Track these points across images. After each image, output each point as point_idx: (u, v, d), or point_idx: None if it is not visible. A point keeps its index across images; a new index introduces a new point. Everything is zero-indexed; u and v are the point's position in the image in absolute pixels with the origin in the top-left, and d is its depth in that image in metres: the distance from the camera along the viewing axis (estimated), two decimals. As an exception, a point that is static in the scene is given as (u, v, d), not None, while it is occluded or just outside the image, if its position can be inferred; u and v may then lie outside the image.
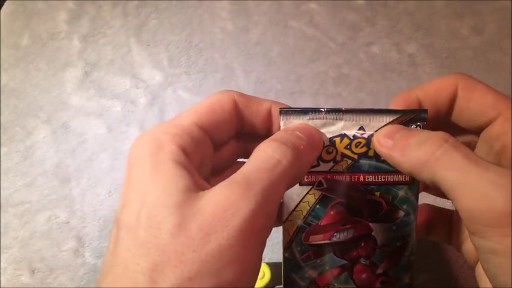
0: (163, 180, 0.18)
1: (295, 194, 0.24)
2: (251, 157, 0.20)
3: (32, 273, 0.36)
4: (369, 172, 0.23)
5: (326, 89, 0.44)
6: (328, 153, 0.23)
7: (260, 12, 0.49)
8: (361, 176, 0.23)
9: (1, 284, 0.36)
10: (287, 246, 0.24)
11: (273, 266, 0.33)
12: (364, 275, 0.25)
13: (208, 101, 0.22)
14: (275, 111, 0.23)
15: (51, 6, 0.50)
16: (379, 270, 0.24)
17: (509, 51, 0.45)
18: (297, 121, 0.22)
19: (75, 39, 0.48)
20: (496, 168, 0.18)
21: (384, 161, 0.22)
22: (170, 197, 0.18)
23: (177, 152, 0.20)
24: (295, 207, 0.24)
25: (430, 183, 0.19)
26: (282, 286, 0.26)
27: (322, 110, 0.22)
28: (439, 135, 0.19)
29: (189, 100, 0.44)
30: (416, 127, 0.22)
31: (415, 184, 0.23)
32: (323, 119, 0.22)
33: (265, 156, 0.19)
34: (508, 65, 0.45)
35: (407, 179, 0.23)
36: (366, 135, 0.22)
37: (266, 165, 0.19)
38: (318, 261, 0.24)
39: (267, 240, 0.28)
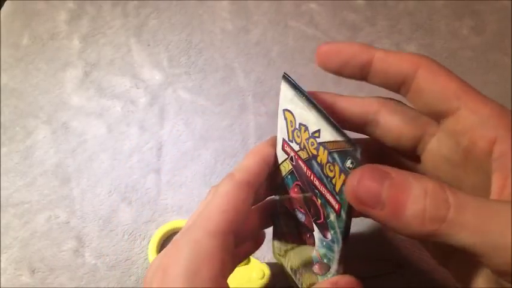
0: None
1: (279, 154, 0.25)
2: None
3: (32, 273, 0.36)
4: (316, 176, 0.22)
5: (326, 89, 0.43)
6: (297, 136, 0.23)
7: (260, 12, 0.49)
8: (312, 175, 0.22)
9: (1, 284, 0.36)
10: (276, 187, 0.26)
11: (273, 266, 0.33)
12: (308, 263, 0.26)
13: (228, 200, 0.23)
14: None
15: (51, 6, 0.50)
16: (314, 269, 0.25)
17: (509, 51, 0.45)
18: (288, 92, 0.23)
19: (75, 39, 0.48)
20: (508, 212, 0.16)
21: (327, 176, 0.21)
22: None
23: (214, 279, 0.20)
24: (281, 163, 0.25)
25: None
26: (281, 286, 0.27)
27: (304, 94, 0.22)
28: (437, 191, 0.17)
29: (189, 100, 0.44)
30: (351, 163, 0.19)
31: (341, 218, 0.21)
32: (302, 102, 0.22)
33: None
34: (508, 65, 0.45)
35: (336, 207, 0.21)
36: (318, 140, 0.21)
37: None
38: (290, 222, 0.26)
39: (266, 240, 0.28)
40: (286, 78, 0.23)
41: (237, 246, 0.23)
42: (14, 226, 0.38)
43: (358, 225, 0.36)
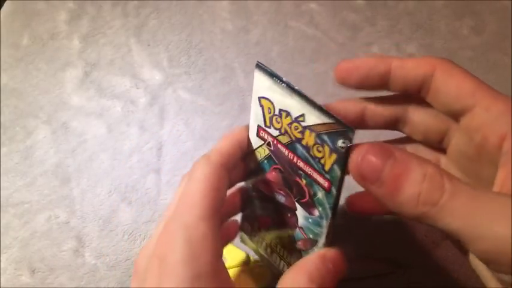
0: None
1: (253, 141, 0.25)
2: None
3: (32, 273, 0.36)
4: (300, 158, 0.23)
5: (326, 89, 0.44)
6: (277, 122, 0.23)
7: (260, 12, 0.49)
8: (295, 158, 0.23)
9: (1, 284, 0.36)
10: (249, 173, 0.27)
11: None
12: (288, 241, 0.27)
13: (207, 184, 0.23)
14: None
15: (51, 6, 0.50)
16: (297, 246, 0.26)
17: (509, 51, 0.45)
18: (265, 80, 0.23)
19: (75, 39, 0.48)
20: (499, 203, 0.17)
21: (314, 157, 0.22)
22: None
23: (211, 261, 0.20)
24: (256, 148, 0.26)
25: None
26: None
27: (283, 82, 0.22)
28: (434, 177, 0.18)
29: (189, 100, 0.44)
30: (343, 142, 0.20)
31: (331, 194, 0.22)
32: (281, 89, 0.22)
33: None
34: (508, 65, 0.45)
35: (326, 185, 0.22)
36: (303, 124, 0.22)
37: None
38: (264, 204, 0.27)
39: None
40: (261, 67, 0.23)
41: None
42: (14, 226, 0.38)
43: (359, 225, 0.36)
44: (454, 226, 0.17)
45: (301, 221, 0.25)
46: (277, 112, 0.23)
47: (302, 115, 0.21)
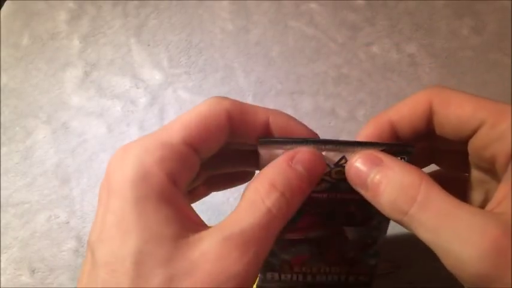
0: (149, 223, 0.17)
1: None
2: (246, 201, 0.19)
3: (32, 273, 0.36)
4: (346, 192, 0.22)
5: (326, 89, 0.44)
6: None
7: (260, 12, 0.49)
8: (339, 195, 0.23)
9: (1, 284, 0.36)
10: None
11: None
12: (334, 258, 0.26)
13: (200, 113, 0.21)
14: (274, 123, 0.22)
15: (51, 6, 0.50)
16: (348, 256, 0.26)
17: (509, 51, 0.45)
18: (276, 150, 0.21)
19: (75, 39, 0.48)
20: (468, 221, 0.17)
21: None
22: (158, 248, 0.17)
23: (164, 183, 0.18)
24: None
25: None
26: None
27: (305, 141, 0.21)
28: (410, 187, 0.18)
29: (189, 100, 0.44)
30: (401, 159, 0.21)
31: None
32: (308, 147, 0.21)
33: (263, 210, 0.18)
34: (508, 65, 0.45)
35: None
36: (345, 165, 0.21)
37: (263, 221, 0.18)
38: (292, 249, 0.25)
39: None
40: (265, 141, 0.21)
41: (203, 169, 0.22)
42: (14, 226, 0.38)
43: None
44: (424, 237, 0.18)
45: (352, 236, 0.25)
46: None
47: (342, 157, 0.21)
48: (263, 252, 0.18)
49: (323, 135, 0.24)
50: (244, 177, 0.27)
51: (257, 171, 0.22)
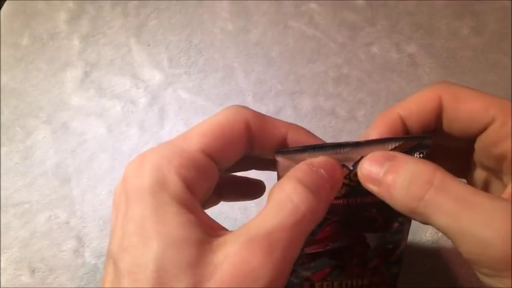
0: (170, 229, 0.17)
1: None
2: (272, 202, 0.18)
3: (32, 273, 0.36)
4: (366, 195, 0.22)
5: (326, 89, 0.44)
6: None
7: (260, 12, 0.49)
8: (359, 199, 0.22)
9: (1, 284, 0.36)
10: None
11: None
12: (356, 270, 0.25)
13: (218, 121, 0.20)
14: (292, 138, 0.22)
15: (51, 6, 0.50)
16: (370, 266, 0.25)
17: (509, 51, 0.45)
18: (295, 158, 0.21)
19: (75, 39, 0.48)
20: (488, 206, 0.17)
21: None
22: (181, 254, 0.16)
23: (182, 190, 0.18)
24: None
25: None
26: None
27: (323, 146, 0.21)
28: (425, 173, 0.18)
29: (189, 100, 0.44)
30: (419, 155, 0.21)
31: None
32: (322, 154, 0.21)
33: (290, 208, 0.18)
34: (508, 65, 0.45)
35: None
36: None
37: (291, 220, 0.17)
38: (312, 264, 0.25)
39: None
40: (283, 151, 0.21)
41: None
42: (14, 226, 0.38)
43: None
44: (441, 222, 0.17)
45: (374, 243, 0.24)
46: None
47: (361, 158, 0.21)
48: (291, 254, 0.17)
49: (323, 135, 0.24)
50: (255, 192, 0.27)
51: (268, 188, 0.22)
